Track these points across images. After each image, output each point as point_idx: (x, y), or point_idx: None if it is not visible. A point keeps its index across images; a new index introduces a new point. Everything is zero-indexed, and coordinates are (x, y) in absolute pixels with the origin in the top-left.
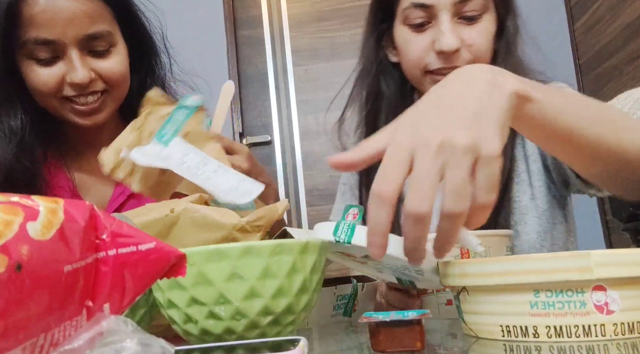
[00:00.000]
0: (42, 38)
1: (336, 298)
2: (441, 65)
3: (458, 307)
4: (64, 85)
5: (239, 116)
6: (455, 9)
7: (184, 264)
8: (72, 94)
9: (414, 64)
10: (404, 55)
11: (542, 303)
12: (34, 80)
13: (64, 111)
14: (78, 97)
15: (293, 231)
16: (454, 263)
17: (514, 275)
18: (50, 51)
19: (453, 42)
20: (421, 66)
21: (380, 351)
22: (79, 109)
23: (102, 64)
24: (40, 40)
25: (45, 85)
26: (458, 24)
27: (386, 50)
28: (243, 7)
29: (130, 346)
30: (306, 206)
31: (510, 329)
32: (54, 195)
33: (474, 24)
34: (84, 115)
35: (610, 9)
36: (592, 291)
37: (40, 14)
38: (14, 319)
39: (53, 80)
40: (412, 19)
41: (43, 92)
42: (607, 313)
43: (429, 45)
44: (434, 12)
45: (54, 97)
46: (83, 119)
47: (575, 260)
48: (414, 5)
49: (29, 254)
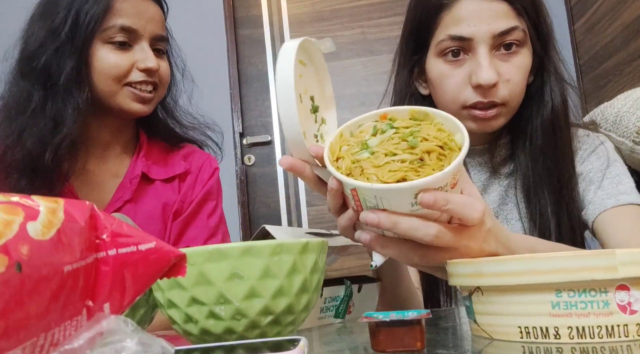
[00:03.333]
0: (127, 25)
1: (324, 300)
2: (478, 99)
3: (469, 308)
4: (133, 70)
5: (239, 116)
6: (493, 41)
7: (184, 264)
8: (137, 80)
9: (451, 99)
10: (440, 89)
11: (565, 303)
12: (108, 60)
13: (122, 96)
14: (140, 84)
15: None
16: (466, 262)
17: (535, 275)
18: (127, 38)
19: (491, 76)
20: (459, 101)
21: (380, 351)
22: (138, 95)
23: (161, 63)
24: (125, 27)
25: (117, 67)
26: (495, 57)
27: (416, 83)
28: (243, 7)
29: (131, 346)
30: (306, 206)
31: (530, 331)
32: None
33: (512, 58)
34: (140, 100)
35: (610, 9)
36: (615, 290)
37: (131, 8)
38: (14, 319)
39: (125, 63)
40: (448, 50)
41: (113, 73)
42: (630, 313)
43: (465, 78)
44: (472, 45)
45: (119, 80)
46: (138, 105)
47: (600, 259)
48: (451, 38)
49: (29, 254)
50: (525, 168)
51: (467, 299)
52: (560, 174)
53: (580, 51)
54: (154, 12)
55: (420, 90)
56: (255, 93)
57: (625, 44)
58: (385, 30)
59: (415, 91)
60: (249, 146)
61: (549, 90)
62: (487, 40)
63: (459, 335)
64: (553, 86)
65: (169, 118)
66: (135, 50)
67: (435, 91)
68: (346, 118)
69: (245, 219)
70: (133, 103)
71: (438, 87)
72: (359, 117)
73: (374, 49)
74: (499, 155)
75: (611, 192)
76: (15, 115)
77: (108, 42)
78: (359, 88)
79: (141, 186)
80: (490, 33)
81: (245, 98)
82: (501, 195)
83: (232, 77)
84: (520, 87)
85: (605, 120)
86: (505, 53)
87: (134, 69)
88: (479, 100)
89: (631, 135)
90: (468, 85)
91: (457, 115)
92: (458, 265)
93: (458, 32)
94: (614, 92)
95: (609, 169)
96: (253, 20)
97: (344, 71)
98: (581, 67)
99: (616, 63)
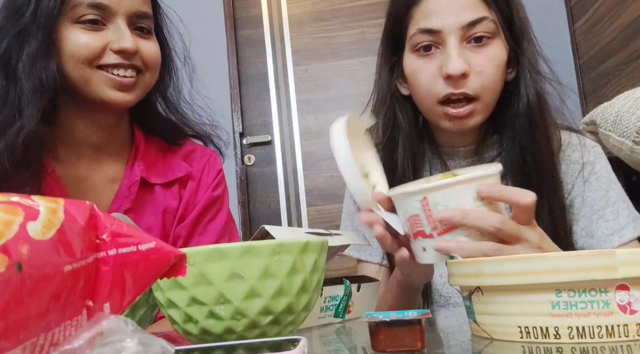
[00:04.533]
0: (97, 1)
1: (324, 300)
2: (449, 90)
3: (469, 307)
4: (106, 52)
5: (239, 116)
6: (462, 32)
7: (184, 264)
8: (113, 62)
9: (425, 93)
10: (414, 84)
11: (565, 303)
12: (77, 41)
13: (96, 83)
14: (117, 68)
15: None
16: (466, 262)
17: (535, 275)
18: (98, 16)
19: (460, 65)
20: (432, 95)
21: (380, 350)
22: (115, 80)
23: (144, 43)
24: (95, 3)
25: (87, 48)
26: (466, 49)
27: (396, 82)
28: (243, 7)
29: (131, 346)
30: (306, 206)
31: (530, 331)
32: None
33: (482, 50)
34: (119, 88)
35: (610, 9)
36: (615, 290)
37: None
38: (14, 319)
39: (97, 44)
40: (420, 45)
41: (82, 55)
42: (630, 312)
43: (437, 70)
44: (442, 37)
45: (91, 63)
46: (115, 93)
47: (600, 259)
48: (421, 31)
49: (29, 254)
50: (513, 168)
51: (467, 299)
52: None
53: (580, 51)
54: None
55: (401, 90)
56: (255, 93)
57: (625, 44)
58: None
59: (396, 91)
60: (249, 146)
61: (523, 84)
62: (457, 31)
63: (459, 335)
64: (527, 80)
65: (172, 113)
66: (109, 29)
67: (412, 87)
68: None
69: (245, 219)
70: (110, 91)
71: (413, 83)
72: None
73: (374, 49)
74: (487, 155)
75: (614, 227)
76: None
77: (77, 22)
78: (359, 88)
79: (140, 194)
80: (459, 24)
81: (245, 98)
82: None
83: (232, 77)
84: (493, 79)
85: (605, 120)
86: (476, 45)
87: (107, 50)
88: (451, 92)
89: (631, 135)
90: (439, 78)
91: (432, 112)
92: (458, 265)
93: (427, 25)
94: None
95: (609, 194)
96: (253, 20)
97: (344, 71)
98: (581, 67)
99: (616, 63)
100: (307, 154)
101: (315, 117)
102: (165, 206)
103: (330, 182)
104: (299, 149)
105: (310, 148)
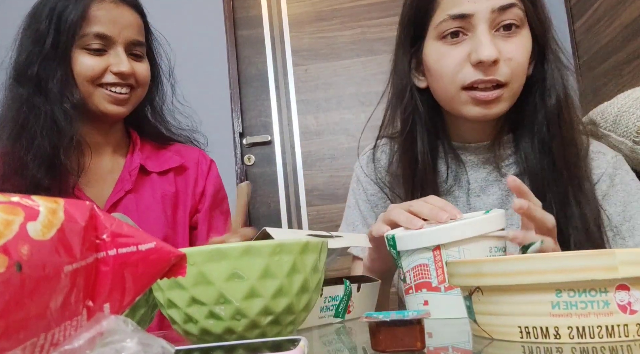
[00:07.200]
0: (102, 33)
1: (324, 300)
2: (478, 77)
3: (469, 308)
4: (107, 73)
5: (239, 116)
6: (493, 17)
7: (184, 264)
8: (111, 81)
9: (449, 80)
10: (437, 70)
11: (565, 303)
12: (84, 64)
13: (97, 97)
14: (114, 86)
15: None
16: (466, 262)
17: (535, 275)
18: (102, 44)
19: (493, 51)
20: (457, 80)
21: (380, 350)
22: (112, 96)
23: (137, 65)
24: (100, 34)
25: (92, 69)
26: (495, 36)
27: (412, 76)
28: (243, 7)
29: (131, 346)
30: (306, 206)
31: (530, 331)
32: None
33: (512, 38)
34: (115, 102)
35: (610, 9)
36: (615, 290)
37: (105, 15)
38: (14, 319)
39: (100, 67)
40: (447, 31)
41: (88, 76)
42: (630, 312)
43: (465, 57)
44: (472, 23)
45: (94, 82)
46: (112, 106)
47: (600, 259)
48: (452, 17)
49: (29, 254)
50: (531, 166)
51: (467, 299)
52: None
53: (580, 51)
54: (129, 19)
55: (418, 83)
56: (255, 93)
57: (625, 43)
58: (385, 30)
59: (413, 84)
60: (248, 146)
61: (551, 79)
62: (488, 16)
63: (459, 335)
64: (555, 75)
65: (157, 120)
66: (110, 54)
67: (433, 76)
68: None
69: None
70: (108, 105)
71: (435, 69)
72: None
73: (374, 48)
74: (503, 152)
75: (628, 244)
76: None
77: (84, 48)
78: (359, 88)
79: (139, 178)
80: (490, 8)
81: (245, 98)
82: (502, 199)
83: (232, 77)
84: (523, 67)
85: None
86: (505, 33)
87: (108, 72)
88: (480, 78)
89: (631, 134)
90: (468, 64)
91: (455, 99)
92: (458, 265)
93: (459, 11)
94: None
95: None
96: (253, 20)
97: (344, 71)
98: (581, 67)
99: (615, 63)
100: (307, 154)
101: (315, 117)
102: (163, 191)
103: (330, 182)
104: (299, 149)
105: (310, 148)
